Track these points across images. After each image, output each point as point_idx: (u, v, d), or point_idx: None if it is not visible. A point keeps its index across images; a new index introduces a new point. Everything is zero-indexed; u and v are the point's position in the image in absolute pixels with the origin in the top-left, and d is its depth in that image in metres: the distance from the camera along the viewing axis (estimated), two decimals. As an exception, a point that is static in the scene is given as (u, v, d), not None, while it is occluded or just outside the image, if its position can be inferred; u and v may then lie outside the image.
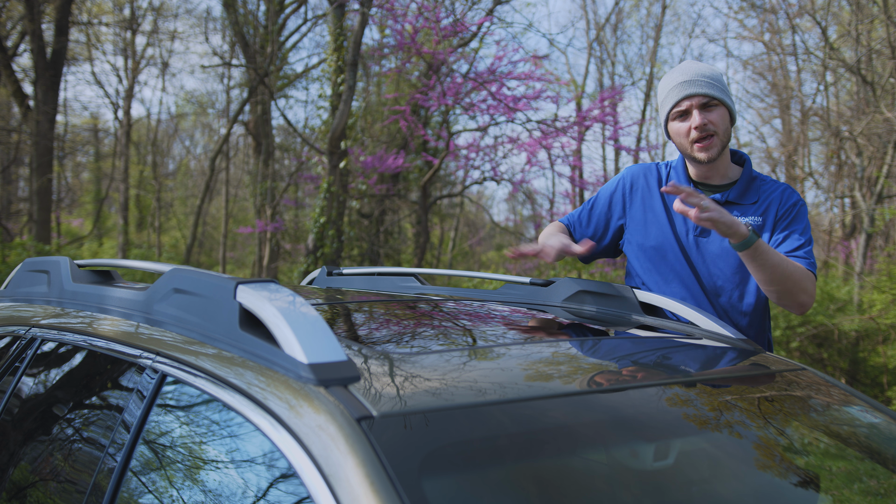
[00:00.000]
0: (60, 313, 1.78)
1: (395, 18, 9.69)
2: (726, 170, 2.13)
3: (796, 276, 1.95)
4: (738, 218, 2.05)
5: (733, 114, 2.09)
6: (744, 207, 2.10)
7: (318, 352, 1.09)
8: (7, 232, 13.82)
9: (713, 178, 2.13)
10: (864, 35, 9.31)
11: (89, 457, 1.38)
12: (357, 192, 11.35)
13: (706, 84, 2.04)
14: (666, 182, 2.18)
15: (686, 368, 1.52)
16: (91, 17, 16.32)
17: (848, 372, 8.18)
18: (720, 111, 2.05)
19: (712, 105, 2.04)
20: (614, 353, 1.55)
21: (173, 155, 27.23)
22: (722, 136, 2.06)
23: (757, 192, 2.11)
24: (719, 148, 2.06)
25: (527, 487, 1.02)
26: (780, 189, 2.12)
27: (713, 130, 2.04)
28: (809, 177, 12.11)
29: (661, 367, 1.49)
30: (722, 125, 2.05)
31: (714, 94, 2.04)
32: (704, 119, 2.03)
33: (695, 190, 1.87)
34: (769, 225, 2.08)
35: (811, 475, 1.28)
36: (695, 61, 2.11)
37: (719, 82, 2.06)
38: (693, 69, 2.08)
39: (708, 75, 2.05)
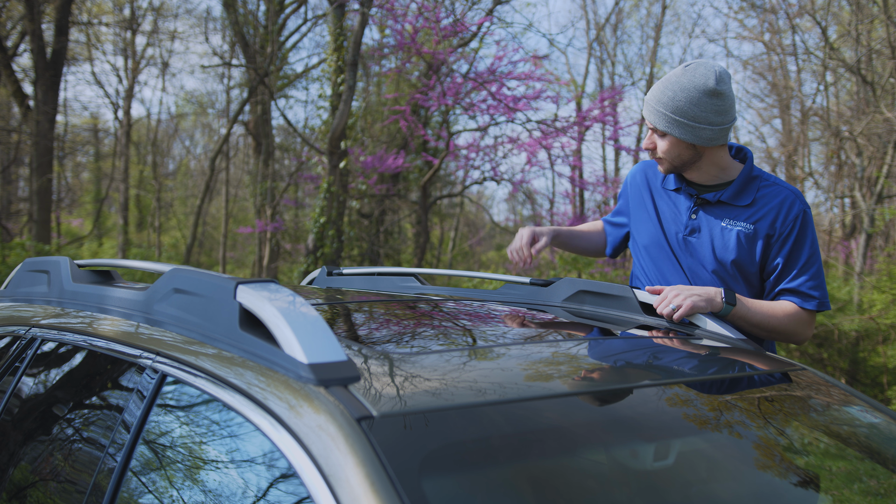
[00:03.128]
0: (60, 313, 1.78)
1: (395, 18, 9.69)
2: (716, 172, 2.03)
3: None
4: (729, 223, 1.99)
5: (693, 140, 1.95)
6: (736, 210, 2.00)
7: (318, 352, 1.09)
8: (7, 232, 13.82)
9: (701, 180, 2.06)
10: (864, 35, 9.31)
11: (89, 457, 1.38)
12: (357, 192, 11.35)
13: (654, 113, 1.97)
14: (664, 181, 2.15)
15: (686, 368, 1.52)
16: (91, 17, 16.32)
17: (848, 372, 8.18)
18: (668, 140, 1.98)
19: (659, 133, 1.99)
20: (614, 353, 1.55)
21: (173, 155, 27.24)
22: (671, 160, 2.01)
23: (753, 194, 2.00)
24: (668, 168, 2.04)
25: (526, 487, 1.02)
26: (780, 197, 1.98)
27: (658, 156, 2.03)
28: (809, 177, 12.11)
29: (660, 367, 1.49)
30: (669, 152, 1.99)
31: (657, 125, 1.97)
32: (651, 143, 2.03)
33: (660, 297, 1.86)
34: (762, 235, 1.96)
35: (811, 475, 1.28)
36: (674, 73, 1.97)
37: (673, 110, 1.92)
38: (656, 89, 1.98)
39: (663, 101, 1.94)
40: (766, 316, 1.93)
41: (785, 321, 1.94)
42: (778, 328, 1.95)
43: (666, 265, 2.10)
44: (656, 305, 1.85)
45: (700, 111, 1.90)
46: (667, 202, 2.12)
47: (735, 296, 1.90)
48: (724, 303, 1.87)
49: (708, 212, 2.03)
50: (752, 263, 1.99)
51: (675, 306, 1.82)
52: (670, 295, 1.84)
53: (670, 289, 1.86)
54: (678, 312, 1.81)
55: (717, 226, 2.00)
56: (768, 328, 1.95)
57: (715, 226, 2.00)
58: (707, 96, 1.89)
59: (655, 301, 1.87)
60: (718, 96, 1.90)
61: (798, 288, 1.95)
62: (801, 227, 1.96)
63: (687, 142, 1.95)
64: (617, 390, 1.26)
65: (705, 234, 2.02)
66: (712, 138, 1.94)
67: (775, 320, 1.93)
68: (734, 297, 1.89)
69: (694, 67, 1.92)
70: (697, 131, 1.93)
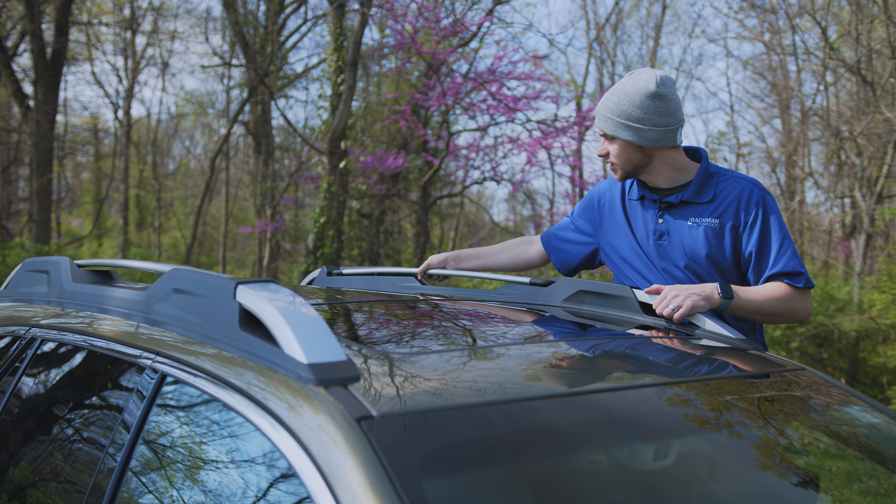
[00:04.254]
0: (60, 313, 1.78)
1: (395, 18, 9.69)
2: (672, 173, 2.08)
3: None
4: (694, 220, 2.04)
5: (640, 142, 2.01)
6: (700, 207, 2.05)
7: (318, 352, 1.09)
8: (7, 232, 13.82)
9: (659, 184, 2.11)
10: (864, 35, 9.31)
11: (89, 457, 1.38)
12: (357, 192, 11.35)
13: (602, 119, 2.06)
14: (629, 192, 2.20)
15: (686, 368, 1.52)
16: (91, 17, 16.32)
17: (848, 372, 8.19)
18: (617, 144, 2.06)
19: (608, 137, 2.07)
20: (614, 353, 1.55)
21: (173, 155, 27.25)
22: (622, 165, 2.08)
23: (713, 190, 2.05)
24: (622, 174, 2.10)
25: (526, 487, 1.02)
26: (738, 188, 2.04)
27: (611, 161, 2.10)
28: (809, 177, 12.11)
29: (660, 367, 1.49)
30: (620, 156, 2.06)
31: (605, 130, 2.06)
32: (603, 150, 2.10)
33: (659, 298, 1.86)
34: (728, 227, 2.02)
35: (811, 475, 1.28)
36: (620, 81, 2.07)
37: (617, 114, 2.01)
38: (604, 98, 2.07)
39: (609, 107, 2.03)
40: (765, 300, 1.95)
41: (783, 302, 1.97)
42: (779, 310, 1.97)
43: (644, 272, 2.12)
44: (655, 306, 1.85)
45: (644, 113, 1.99)
46: (635, 211, 2.17)
47: (731, 288, 1.92)
48: (721, 297, 1.89)
49: (673, 214, 2.08)
50: (723, 257, 2.02)
51: (674, 306, 1.82)
52: (669, 295, 1.84)
53: (669, 289, 1.86)
54: (678, 312, 1.81)
55: (684, 226, 2.05)
56: (770, 312, 1.96)
57: (682, 226, 2.06)
58: (649, 99, 1.98)
59: (655, 301, 1.87)
60: (660, 98, 1.98)
61: (783, 269, 1.98)
62: (764, 213, 2.01)
63: (635, 144, 2.03)
64: (616, 390, 1.26)
65: (675, 236, 2.06)
66: (658, 139, 2.02)
67: (774, 303, 1.96)
68: (731, 290, 1.92)
69: (637, 73, 2.02)
70: (642, 133, 2.00)
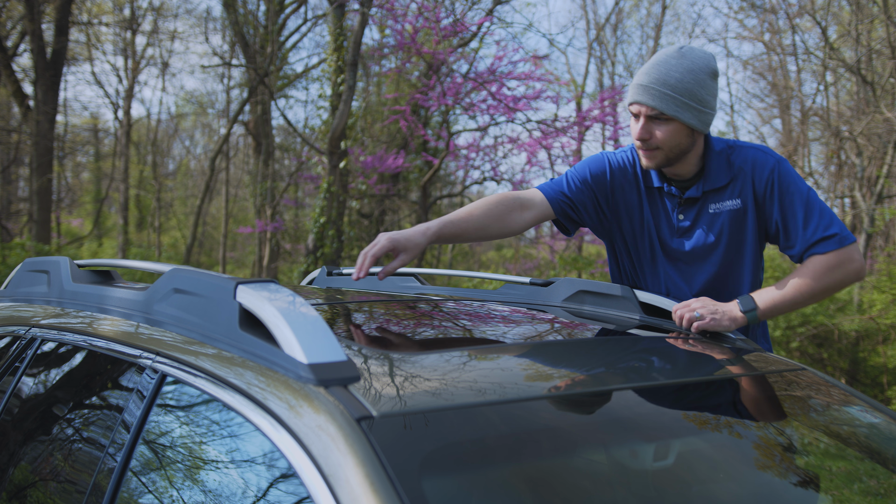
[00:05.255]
0: (60, 313, 1.78)
1: (395, 18, 9.69)
2: (696, 161, 1.93)
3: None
4: (716, 207, 1.91)
5: (697, 125, 1.86)
6: (720, 193, 1.92)
7: (318, 352, 1.09)
8: (7, 232, 13.82)
9: (682, 174, 1.95)
10: (864, 35, 9.31)
11: (89, 457, 1.38)
12: (357, 192, 11.35)
13: (659, 96, 1.82)
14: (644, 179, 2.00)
15: (685, 368, 1.52)
16: (91, 17, 16.32)
17: (848, 372, 8.19)
18: (672, 127, 1.84)
19: (662, 119, 1.84)
20: (614, 353, 1.55)
21: (173, 155, 27.26)
22: (668, 151, 1.87)
23: (729, 170, 1.91)
24: (662, 160, 1.90)
25: (526, 488, 1.02)
26: (750, 161, 1.90)
27: (655, 145, 1.87)
28: (809, 177, 12.11)
29: (660, 367, 1.49)
30: (670, 141, 1.85)
31: (663, 110, 1.82)
32: (647, 132, 1.87)
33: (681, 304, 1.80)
34: (750, 203, 1.89)
35: (811, 475, 1.28)
36: (670, 55, 1.85)
37: (681, 92, 1.81)
38: (655, 72, 1.84)
39: (670, 84, 1.81)
40: (797, 289, 1.81)
41: (820, 278, 1.81)
42: (819, 288, 1.82)
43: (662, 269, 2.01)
44: (675, 310, 1.80)
45: (706, 94, 1.84)
46: (655, 203, 2.01)
47: (751, 298, 1.81)
48: (744, 313, 1.78)
49: (695, 207, 1.95)
50: (753, 238, 1.91)
51: (699, 315, 1.75)
52: (694, 303, 1.78)
53: (695, 300, 1.80)
54: (700, 323, 1.75)
55: (706, 216, 1.93)
56: (810, 294, 1.82)
57: (704, 218, 1.94)
58: (711, 79, 1.84)
59: (675, 306, 1.81)
60: (717, 78, 1.87)
61: (811, 239, 1.82)
62: (780, 180, 1.87)
63: (690, 127, 1.85)
64: (616, 390, 1.26)
65: (698, 230, 1.94)
66: (710, 123, 1.89)
67: (809, 285, 1.81)
68: (752, 301, 1.80)
69: (690, 50, 1.85)
70: (703, 116, 1.85)
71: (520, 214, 1.97)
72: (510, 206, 1.96)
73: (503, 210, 1.95)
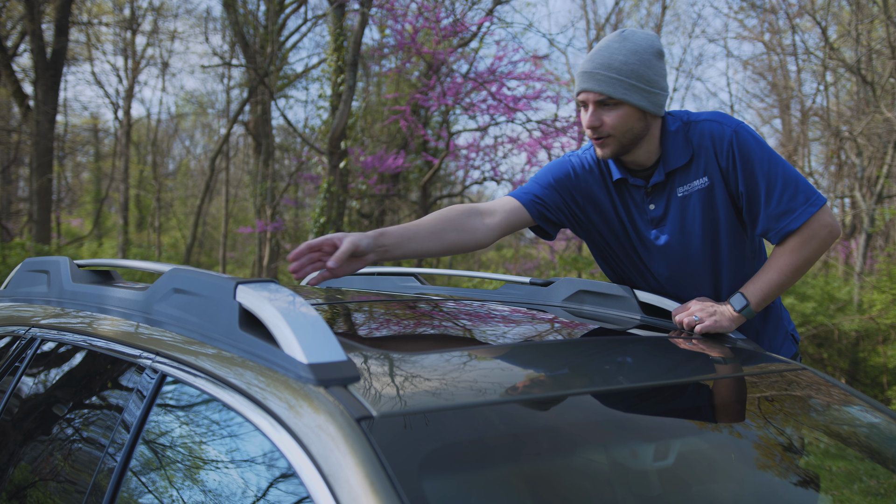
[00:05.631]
0: (60, 313, 1.78)
1: (395, 18, 9.69)
2: (654, 147, 1.85)
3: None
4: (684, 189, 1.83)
5: (648, 107, 1.77)
6: (686, 174, 1.83)
7: (318, 352, 1.09)
8: (7, 232, 13.82)
9: (641, 161, 1.87)
10: (864, 35, 9.31)
11: (89, 457, 1.38)
12: (357, 192, 11.35)
13: (605, 80, 1.74)
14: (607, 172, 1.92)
15: (685, 368, 1.52)
16: (91, 17, 16.32)
17: (848, 372, 8.19)
18: (621, 111, 1.76)
19: (611, 103, 1.76)
20: (614, 353, 1.55)
21: (173, 155, 27.26)
22: (621, 137, 1.79)
23: (688, 147, 1.82)
24: (617, 148, 1.81)
25: (526, 488, 1.02)
26: (707, 135, 1.80)
27: (606, 133, 1.79)
28: (809, 177, 12.11)
29: (660, 366, 1.49)
30: (621, 126, 1.77)
31: (610, 94, 1.74)
32: (597, 119, 1.78)
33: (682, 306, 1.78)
34: (717, 178, 1.80)
35: (811, 475, 1.28)
36: (612, 40, 1.78)
37: (627, 74, 1.74)
38: (598, 57, 1.76)
39: (615, 67, 1.74)
40: (780, 270, 1.78)
41: (798, 252, 1.77)
42: (801, 262, 1.78)
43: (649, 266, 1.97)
44: (675, 313, 1.80)
45: (654, 74, 1.77)
46: (623, 197, 1.93)
47: (741, 296, 1.79)
48: (739, 313, 1.76)
49: (663, 193, 1.87)
50: (728, 216, 1.84)
51: (699, 318, 1.75)
52: (694, 307, 1.78)
53: (694, 301, 1.81)
54: (701, 325, 1.74)
55: (676, 201, 1.85)
56: (794, 271, 1.79)
57: (674, 203, 1.86)
58: (657, 59, 1.77)
59: (675, 309, 1.81)
60: (663, 58, 1.80)
61: (773, 218, 1.76)
62: (739, 150, 1.77)
63: (642, 110, 1.77)
64: (616, 390, 1.26)
65: (672, 216, 1.87)
66: (663, 105, 1.81)
67: (789, 263, 1.77)
68: (743, 298, 1.78)
69: (632, 33, 1.78)
70: (654, 97, 1.78)
71: (480, 220, 1.86)
72: (467, 213, 1.85)
73: (458, 215, 1.84)
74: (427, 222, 1.79)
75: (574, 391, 1.22)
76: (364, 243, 1.61)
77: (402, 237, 1.72)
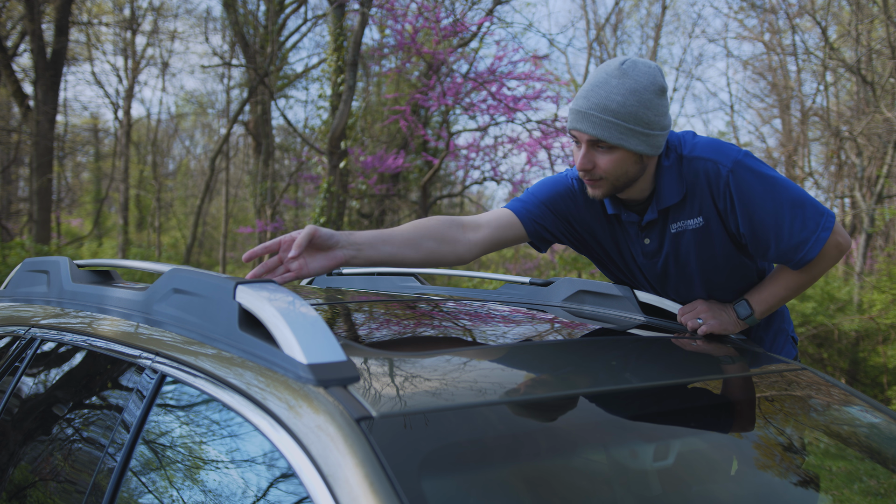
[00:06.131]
0: (60, 313, 1.78)
1: (395, 18, 9.69)
2: (649, 182, 1.76)
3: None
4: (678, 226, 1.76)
5: (645, 150, 1.65)
6: (679, 211, 1.75)
7: (318, 352, 1.09)
8: (7, 232, 13.82)
9: (635, 198, 1.79)
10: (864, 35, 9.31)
11: (89, 457, 1.37)
12: (357, 192, 11.35)
13: (600, 123, 1.62)
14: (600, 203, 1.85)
15: (685, 368, 1.52)
16: (91, 17, 16.33)
17: (848, 372, 8.19)
18: (616, 155, 1.65)
19: (605, 146, 1.65)
20: (614, 353, 1.55)
21: (173, 155, 27.28)
22: (614, 180, 1.69)
23: (681, 185, 1.72)
24: (609, 190, 1.72)
25: (526, 488, 1.02)
26: (702, 174, 1.69)
27: (598, 175, 1.69)
28: (809, 177, 12.11)
29: (660, 366, 1.49)
30: (615, 170, 1.67)
31: (604, 138, 1.63)
32: (589, 162, 1.67)
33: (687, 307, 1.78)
34: (713, 218, 1.71)
35: (811, 475, 1.28)
36: (611, 74, 1.63)
37: (624, 117, 1.61)
38: (594, 96, 1.63)
39: (612, 109, 1.61)
40: (787, 286, 1.76)
41: (809, 272, 1.74)
42: (810, 279, 1.76)
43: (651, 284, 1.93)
44: (680, 313, 1.80)
45: (654, 115, 1.63)
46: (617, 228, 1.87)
47: (746, 304, 1.77)
48: (744, 321, 1.77)
49: (657, 228, 1.80)
50: (728, 251, 1.76)
51: (701, 320, 1.76)
52: (699, 307, 1.79)
53: (700, 302, 1.81)
54: (706, 328, 1.75)
55: (669, 236, 1.78)
56: (802, 287, 1.77)
57: (668, 238, 1.79)
58: (658, 97, 1.63)
59: (680, 309, 1.82)
60: (665, 94, 1.66)
61: (786, 253, 1.68)
62: (738, 191, 1.65)
63: (638, 154, 1.66)
64: (616, 391, 1.26)
65: (666, 251, 1.81)
66: (661, 146, 1.68)
67: (798, 280, 1.75)
68: (748, 307, 1.77)
69: (633, 66, 1.63)
70: (652, 139, 1.65)
71: (462, 233, 1.77)
72: (449, 224, 1.76)
73: (439, 225, 1.74)
74: (405, 228, 1.71)
75: (574, 391, 1.22)
76: (325, 232, 1.50)
77: (377, 238, 1.62)
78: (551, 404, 1.16)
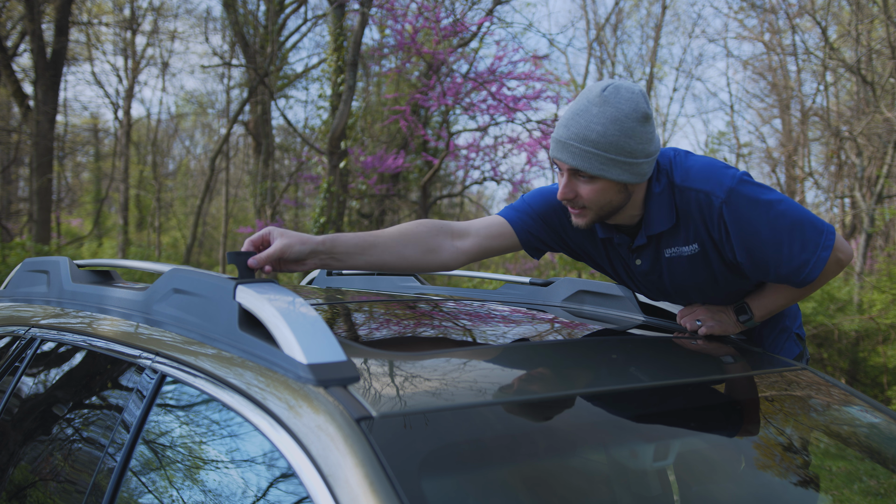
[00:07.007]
0: (60, 313, 1.78)
1: (395, 18, 9.69)
2: (638, 208, 1.69)
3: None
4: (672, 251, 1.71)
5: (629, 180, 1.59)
6: (673, 237, 1.69)
7: (318, 352, 1.09)
8: (7, 232, 13.83)
9: (624, 223, 1.73)
10: (864, 35, 9.31)
11: (89, 457, 1.38)
12: (357, 192, 11.35)
13: (580, 154, 1.56)
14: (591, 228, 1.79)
15: (686, 368, 1.52)
16: (91, 17, 16.33)
17: (848, 372, 8.19)
18: (598, 185, 1.59)
19: (587, 176, 1.59)
20: (613, 353, 1.55)
21: (173, 155, 27.27)
22: (598, 210, 1.64)
23: (671, 213, 1.66)
24: (593, 219, 1.67)
25: (526, 488, 1.02)
26: (694, 204, 1.62)
27: (581, 205, 1.64)
28: (809, 177, 12.11)
29: (660, 366, 1.49)
30: (598, 199, 1.61)
31: (584, 169, 1.56)
32: (571, 191, 1.62)
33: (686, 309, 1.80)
34: (708, 246, 1.66)
35: (811, 475, 1.28)
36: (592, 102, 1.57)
37: (605, 148, 1.54)
38: (574, 125, 1.57)
39: (591, 139, 1.54)
40: (790, 297, 1.76)
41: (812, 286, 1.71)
42: (811, 291, 1.75)
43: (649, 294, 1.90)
44: (680, 315, 1.82)
45: (637, 144, 1.55)
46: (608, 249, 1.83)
47: (746, 307, 1.77)
48: (742, 324, 1.78)
49: (649, 251, 1.74)
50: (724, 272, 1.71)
51: (700, 321, 1.78)
52: (699, 310, 1.80)
53: (699, 305, 1.82)
54: (706, 329, 1.77)
55: (663, 259, 1.73)
56: (803, 296, 1.77)
57: (661, 260, 1.74)
58: (641, 124, 1.55)
59: (680, 311, 1.83)
60: (649, 121, 1.58)
61: (787, 276, 1.63)
62: (732, 221, 1.59)
63: (622, 182, 1.60)
64: (616, 391, 1.26)
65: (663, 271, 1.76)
66: (647, 173, 1.61)
67: (801, 293, 1.74)
68: (748, 310, 1.76)
69: (614, 92, 1.56)
70: (636, 168, 1.58)
71: (449, 240, 1.73)
72: (435, 231, 1.71)
73: (424, 231, 1.70)
74: (388, 233, 1.66)
75: (573, 392, 1.22)
76: (296, 249, 1.49)
77: (357, 246, 1.59)
78: (551, 404, 1.16)
